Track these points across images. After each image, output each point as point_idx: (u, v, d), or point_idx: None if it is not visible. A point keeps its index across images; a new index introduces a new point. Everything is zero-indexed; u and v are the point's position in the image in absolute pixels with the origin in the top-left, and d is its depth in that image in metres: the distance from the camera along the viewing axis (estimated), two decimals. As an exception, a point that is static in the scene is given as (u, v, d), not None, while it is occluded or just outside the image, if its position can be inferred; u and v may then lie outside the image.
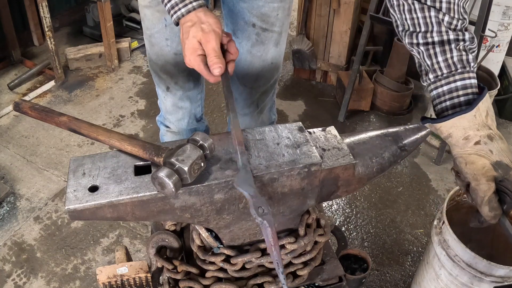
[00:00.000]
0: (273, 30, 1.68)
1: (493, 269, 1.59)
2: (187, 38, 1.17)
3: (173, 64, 1.73)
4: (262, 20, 1.64)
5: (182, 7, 1.19)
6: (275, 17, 1.65)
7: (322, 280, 1.36)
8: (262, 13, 1.63)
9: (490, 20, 3.04)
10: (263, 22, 1.65)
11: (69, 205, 1.00)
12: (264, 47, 1.71)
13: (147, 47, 1.77)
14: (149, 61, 1.85)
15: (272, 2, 1.61)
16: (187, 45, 1.17)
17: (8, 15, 3.50)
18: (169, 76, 1.77)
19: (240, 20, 1.66)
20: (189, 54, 1.18)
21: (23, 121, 3.16)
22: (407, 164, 2.95)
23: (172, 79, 1.77)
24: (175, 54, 1.69)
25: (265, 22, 1.65)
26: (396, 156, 1.24)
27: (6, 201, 2.59)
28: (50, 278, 2.24)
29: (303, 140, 1.17)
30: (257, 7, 1.61)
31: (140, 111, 3.33)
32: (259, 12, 1.62)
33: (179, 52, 1.68)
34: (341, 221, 2.57)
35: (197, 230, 1.19)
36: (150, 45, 1.73)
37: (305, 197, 1.17)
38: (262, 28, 1.66)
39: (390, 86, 3.27)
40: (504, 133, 3.26)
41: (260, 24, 1.65)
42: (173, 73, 1.76)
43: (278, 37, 1.72)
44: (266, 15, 1.64)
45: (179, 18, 1.20)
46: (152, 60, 1.77)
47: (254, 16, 1.63)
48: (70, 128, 1.12)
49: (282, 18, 1.67)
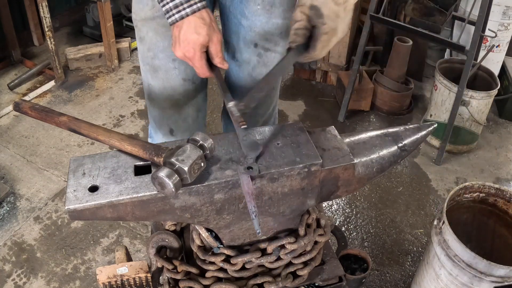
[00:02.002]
0: (276, 50, 1.56)
1: (493, 269, 1.59)
2: (192, 33, 1.15)
3: (182, 93, 1.54)
4: (265, 39, 1.52)
5: (187, 7, 1.16)
6: (278, 35, 1.53)
7: (322, 280, 1.36)
8: (265, 31, 1.51)
9: (490, 20, 3.04)
10: (266, 41, 1.53)
11: (69, 205, 1.00)
12: (267, 70, 1.56)
13: (146, 78, 1.54)
14: (148, 98, 1.60)
15: (276, 19, 1.49)
16: (193, 38, 1.15)
17: (8, 15, 3.50)
18: (177, 111, 1.57)
19: (241, 41, 1.55)
20: (192, 47, 1.15)
21: (23, 121, 3.16)
22: (407, 164, 2.96)
23: (181, 115, 1.57)
24: (184, 79, 1.52)
25: (268, 41, 1.53)
26: (396, 156, 1.24)
27: (6, 201, 2.59)
28: (50, 278, 2.24)
29: (303, 140, 1.17)
30: (260, 25, 1.49)
31: (140, 111, 3.33)
32: (262, 30, 1.50)
33: (188, 78, 1.52)
34: (341, 221, 2.57)
35: (197, 230, 1.19)
36: (152, 71, 1.52)
37: (305, 197, 1.17)
38: (265, 48, 1.54)
39: (390, 86, 3.27)
40: (504, 133, 3.27)
41: (263, 43, 1.53)
42: (182, 106, 1.56)
43: (280, 58, 1.58)
44: (270, 33, 1.52)
45: (182, 18, 1.17)
46: (154, 93, 1.55)
47: (256, 35, 1.51)
48: (70, 128, 1.12)
49: (285, 36, 1.54)
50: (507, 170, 2.97)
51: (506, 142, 3.20)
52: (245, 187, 1.04)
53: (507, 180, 2.91)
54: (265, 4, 1.46)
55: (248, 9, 1.47)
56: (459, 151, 3.06)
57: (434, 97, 2.96)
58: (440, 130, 2.90)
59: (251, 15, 1.48)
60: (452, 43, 2.84)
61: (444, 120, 2.89)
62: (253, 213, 1.03)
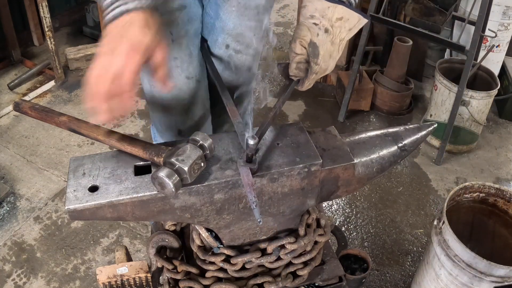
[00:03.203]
0: (247, 53, 1.56)
1: (493, 269, 1.59)
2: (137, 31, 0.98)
3: (188, 92, 1.52)
4: (237, 41, 1.51)
5: (130, 1, 0.99)
6: (250, 38, 1.52)
7: (322, 280, 1.36)
8: (237, 33, 1.50)
9: (490, 20, 3.04)
10: (238, 43, 1.51)
11: (69, 205, 1.00)
12: (237, 71, 1.58)
13: (146, 81, 1.49)
14: (151, 101, 1.55)
15: (249, 21, 1.49)
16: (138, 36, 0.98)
17: (8, 15, 3.50)
18: (184, 111, 1.54)
19: (213, 42, 1.52)
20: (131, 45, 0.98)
21: (23, 121, 3.16)
22: (407, 164, 2.95)
23: (188, 115, 1.55)
24: (188, 78, 1.50)
25: (239, 43, 1.52)
26: (396, 156, 1.25)
27: (6, 201, 2.59)
28: (50, 278, 2.24)
29: (303, 140, 1.17)
30: (233, 27, 1.48)
31: (140, 111, 3.33)
32: (234, 32, 1.49)
33: (191, 76, 1.50)
34: (341, 221, 2.57)
35: (197, 230, 1.19)
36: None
37: (305, 197, 1.17)
38: (236, 50, 1.53)
39: (390, 86, 3.27)
40: (504, 133, 3.27)
41: (235, 45, 1.52)
42: (188, 105, 1.54)
43: (252, 61, 1.60)
44: (242, 35, 1.51)
45: (122, 14, 0.99)
46: (158, 95, 1.50)
47: (228, 36, 1.50)
48: (70, 128, 1.12)
49: (257, 39, 1.55)
50: (507, 170, 2.97)
51: (506, 142, 3.20)
52: (245, 179, 1.04)
53: (507, 180, 2.90)
54: (240, 7, 1.46)
55: (222, 11, 1.47)
56: (459, 151, 3.06)
57: (434, 97, 2.96)
58: (440, 130, 2.90)
59: (225, 16, 1.47)
60: (452, 43, 2.84)
61: (444, 120, 2.89)
62: (254, 203, 1.03)
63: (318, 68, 1.19)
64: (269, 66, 3.81)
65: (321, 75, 1.23)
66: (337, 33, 1.18)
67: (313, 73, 1.20)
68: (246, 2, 1.45)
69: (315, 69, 1.19)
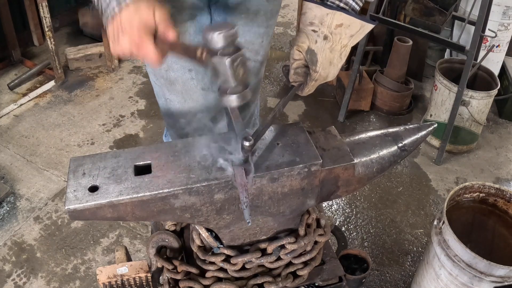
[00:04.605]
0: (256, 60, 1.55)
1: (493, 269, 1.59)
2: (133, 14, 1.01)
3: (205, 103, 1.49)
4: (246, 48, 1.48)
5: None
6: (259, 44, 1.52)
7: (322, 280, 1.36)
8: (246, 40, 1.49)
9: (490, 20, 3.04)
10: (247, 50, 1.49)
11: (69, 205, 1.00)
12: None
13: (162, 92, 1.47)
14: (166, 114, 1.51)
15: (258, 27, 1.48)
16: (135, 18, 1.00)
17: (8, 15, 3.50)
18: (202, 123, 1.53)
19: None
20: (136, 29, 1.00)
21: (23, 121, 3.16)
22: (407, 164, 2.95)
23: (205, 129, 1.54)
24: (203, 89, 1.47)
25: (248, 50, 1.50)
26: (396, 156, 1.25)
27: (6, 201, 2.59)
28: (50, 278, 2.24)
29: (303, 140, 1.17)
30: (242, 34, 1.46)
31: (140, 111, 3.33)
32: (243, 39, 1.48)
33: (206, 87, 1.47)
34: (341, 221, 2.57)
35: (197, 230, 1.19)
36: (168, 84, 1.45)
37: (305, 197, 1.17)
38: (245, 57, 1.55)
39: (390, 86, 3.27)
40: (504, 133, 3.27)
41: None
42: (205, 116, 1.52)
43: (260, 67, 1.60)
44: (251, 42, 1.50)
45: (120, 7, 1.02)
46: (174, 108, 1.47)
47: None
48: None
49: (266, 45, 1.54)
50: (507, 170, 2.97)
51: (506, 142, 3.20)
52: (239, 179, 1.05)
53: (507, 180, 2.91)
54: (249, 14, 1.45)
55: (231, 18, 1.45)
56: (459, 151, 3.06)
57: (434, 97, 2.96)
58: (440, 130, 2.90)
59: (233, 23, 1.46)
60: (452, 43, 2.84)
61: (444, 120, 2.89)
62: (244, 203, 1.05)
63: (317, 75, 1.19)
64: (269, 66, 3.82)
65: (321, 82, 1.23)
66: (337, 40, 1.17)
67: (312, 80, 1.20)
68: (256, 8, 1.44)
69: (314, 76, 1.19)
